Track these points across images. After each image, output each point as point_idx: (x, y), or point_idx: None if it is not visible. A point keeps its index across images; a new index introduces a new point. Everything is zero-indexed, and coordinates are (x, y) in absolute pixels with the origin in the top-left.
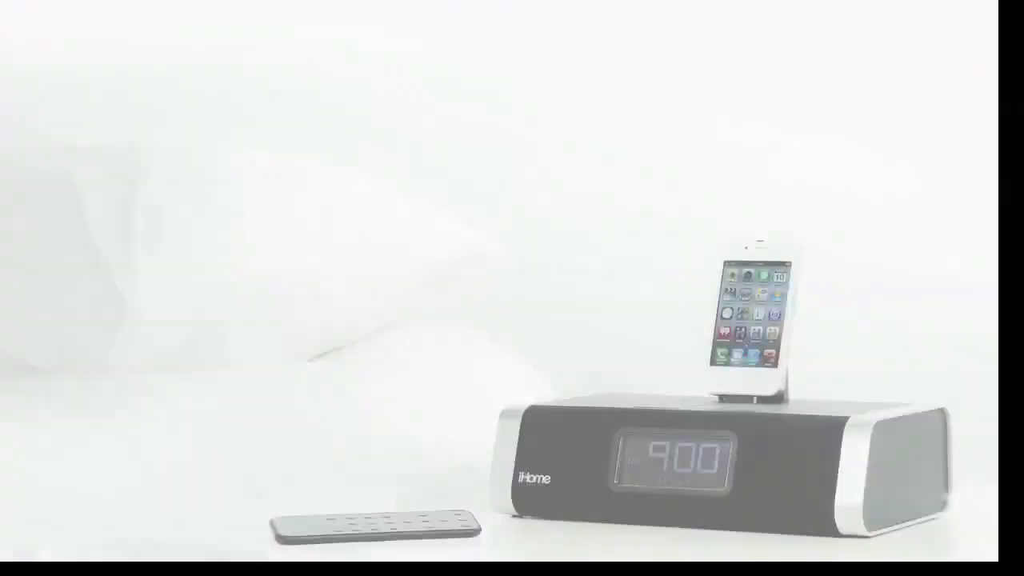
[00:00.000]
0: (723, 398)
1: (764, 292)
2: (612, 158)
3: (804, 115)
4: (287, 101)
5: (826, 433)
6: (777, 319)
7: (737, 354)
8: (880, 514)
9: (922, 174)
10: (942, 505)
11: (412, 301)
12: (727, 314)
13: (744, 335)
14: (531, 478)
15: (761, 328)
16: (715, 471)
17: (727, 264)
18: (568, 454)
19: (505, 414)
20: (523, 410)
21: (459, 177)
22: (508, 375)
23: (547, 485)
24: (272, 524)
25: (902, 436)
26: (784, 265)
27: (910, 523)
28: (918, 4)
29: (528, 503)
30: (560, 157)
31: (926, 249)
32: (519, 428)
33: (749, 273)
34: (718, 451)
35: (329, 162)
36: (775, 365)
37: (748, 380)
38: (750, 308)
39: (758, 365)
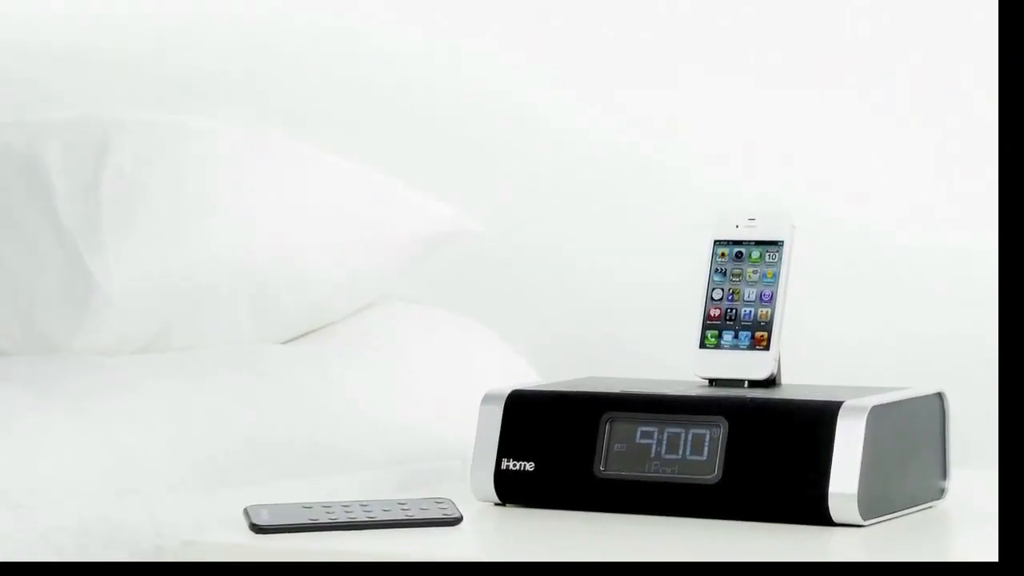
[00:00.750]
0: (713, 382)
1: (755, 272)
2: (598, 136)
3: (796, 94)
4: (261, 77)
5: (820, 418)
6: (769, 300)
7: (727, 336)
8: (876, 502)
9: (920, 151)
10: (940, 493)
11: (391, 282)
12: (717, 295)
13: (735, 317)
14: (514, 465)
15: (752, 309)
16: (705, 458)
17: (717, 243)
18: (552, 440)
19: (487, 399)
20: (506, 395)
21: (439, 157)
22: (490, 358)
23: (531, 472)
24: (246, 512)
25: (899, 421)
26: (776, 244)
27: (907, 511)
28: None
29: (511, 491)
30: (542, 136)
31: (925, 227)
32: (502, 413)
33: (740, 252)
34: (708, 437)
35: (304, 137)
36: (767, 348)
37: (739, 363)
38: (741, 289)
39: (749, 348)
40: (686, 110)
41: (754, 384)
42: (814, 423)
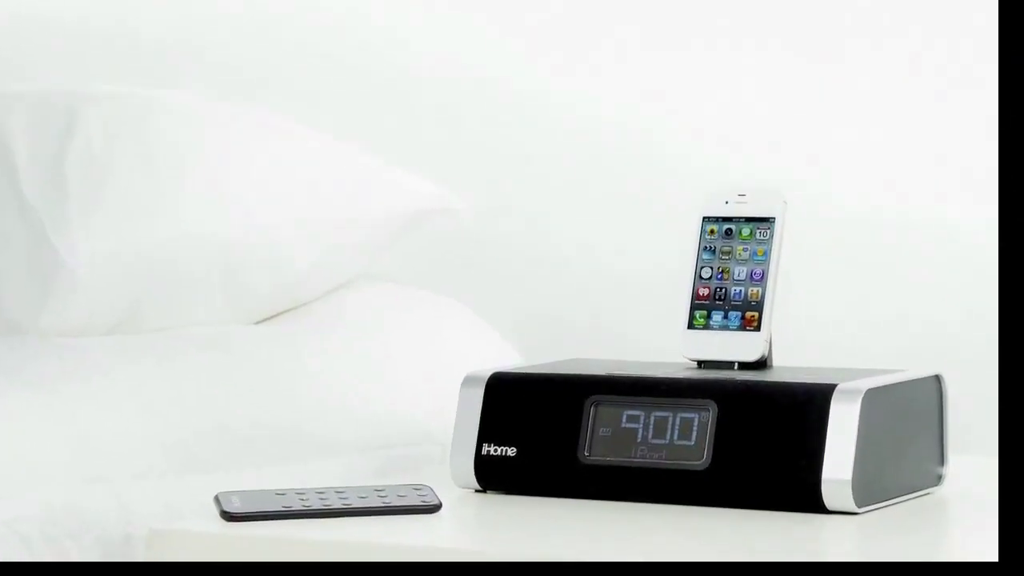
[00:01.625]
0: (702, 364)
1: (746, 250)
2: (585, 113)
3: (790, 70)
4: (236, 50)
5: (813, 401)
6: (760, 279)
7: (717, 317)
8: (871, 489)
9: (919, 129)
10: (937, 479)
11: (369, 261)
12: (706, 274)
13: (724, 296)
14: (495, 450)
15: (742, 289)
16: (693, 443)
17: (706, 220)
18: (535, 424)
19: (468, 381)
20: (487, 377)
21: (420, 133)
22: (472, 340)
23: (512, 457)
24: (217, 499)
25: (895, 405)
26: (767, 221)
27: (903, 498)
28: None
29: (492, 477)
30: (528, 113)
31: (923, 205)
32: (483, 396)
33: (730, 229)
34: (696, 421)
35: (280, 112)
36: (758, 329)
37: (728, 345)
38: (731, 267)
39: (739, 329)
40: (676, 87)
41: (744, 366)
42: (807, 407)
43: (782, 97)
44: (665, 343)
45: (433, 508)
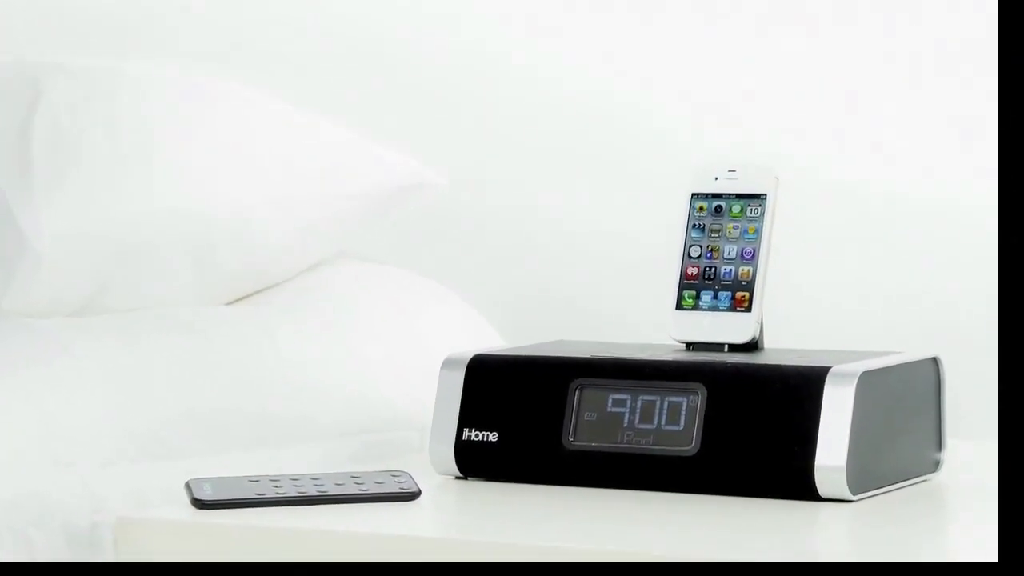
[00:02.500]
0: (690, 346)
1: (736, 228)
2: (569, 83)
3: (784, 39)
4: (207, 18)
5: (805, 385)
6: (751, 258)
7: (706, 297)
8: (866, 476)
9: (919, 104)
10: (934, 465)
11: (345, 239)
12: (695, 252)
13: (714, 276)
14: (476, 435)
15: (733, 268)
16: (681, 427)
17: (695, 196)
18: (517, 409)
19: (447, 364)
20: (467, 360)
21: (398, 106)
22: (452, 321)
23: (494, 443)
24: (188, 486)
25: (890, 388)
26: (758, 198)
27: (899, 485)
28: None
29: (473, 463)
30: (510, 85)
31: (921, 181)
32: (463, 380)
33: (719, 206)
34: (685, 405)
35: (253, 84)
36: (748, 309)
37: (718, 326)
38: (720, 246)
39: (729, 309)
40: (665, 60)
41: (735, 348)
42: (799, 390)
43: (774, 71)
44: (653, 324)
45: (412, 495)
